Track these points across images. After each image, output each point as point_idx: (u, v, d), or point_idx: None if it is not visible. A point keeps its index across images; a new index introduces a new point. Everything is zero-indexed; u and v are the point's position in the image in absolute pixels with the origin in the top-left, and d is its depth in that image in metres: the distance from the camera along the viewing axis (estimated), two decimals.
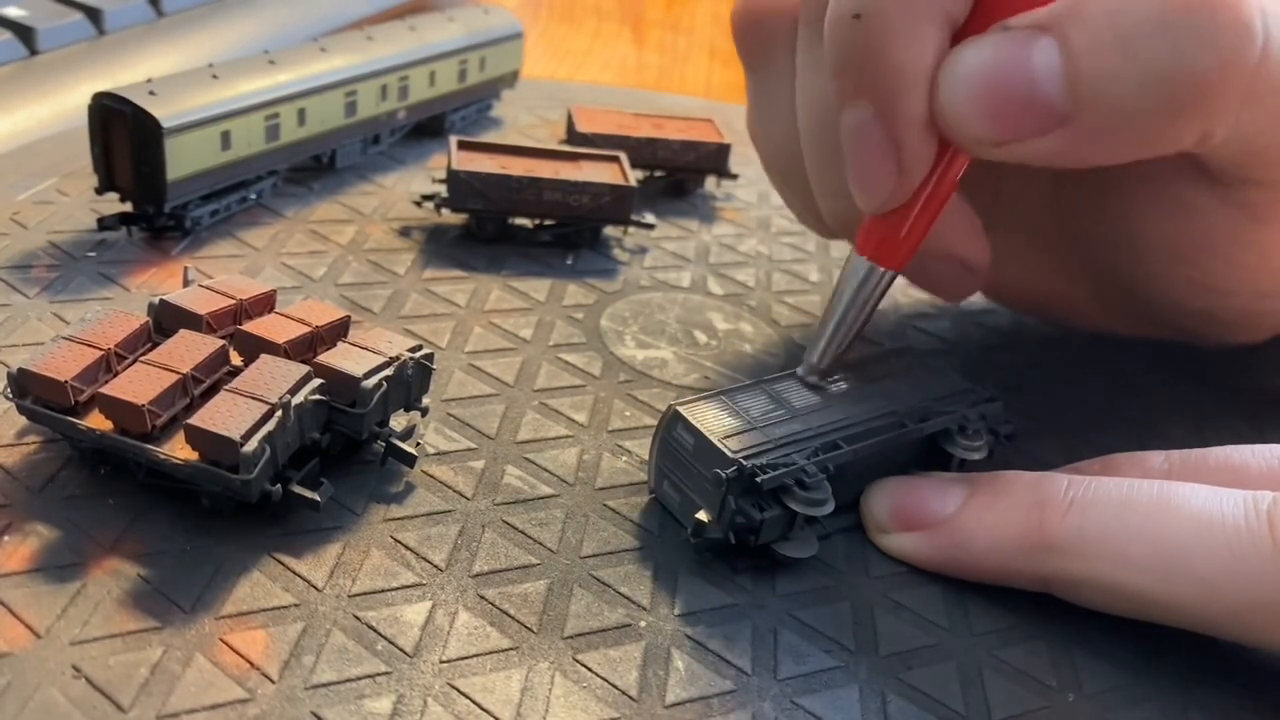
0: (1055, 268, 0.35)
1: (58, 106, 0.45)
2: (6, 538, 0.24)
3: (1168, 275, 0.31)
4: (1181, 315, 0.33)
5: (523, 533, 0.27)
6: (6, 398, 0.26)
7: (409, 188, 0.44)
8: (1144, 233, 0.31)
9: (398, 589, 0.24)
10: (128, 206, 0.37)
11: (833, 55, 0.26)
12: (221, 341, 0.27)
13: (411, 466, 0.28)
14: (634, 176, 0.41)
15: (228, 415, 0.24)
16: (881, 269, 0.28)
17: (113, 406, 0.25)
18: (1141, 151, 0.25)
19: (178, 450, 0.25)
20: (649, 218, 0.41)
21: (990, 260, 0.30)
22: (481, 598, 0.25)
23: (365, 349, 0.27)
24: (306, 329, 0.28)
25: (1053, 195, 0.34)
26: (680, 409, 0.27)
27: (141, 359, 0.26)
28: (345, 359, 0.27)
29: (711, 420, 0.27)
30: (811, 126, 0.29)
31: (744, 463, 0.25)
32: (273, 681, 0.22)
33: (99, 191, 0.36)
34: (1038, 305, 0.37)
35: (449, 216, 0.41)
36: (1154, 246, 0.31)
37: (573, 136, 0.46)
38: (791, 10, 0.31)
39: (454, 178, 0.39)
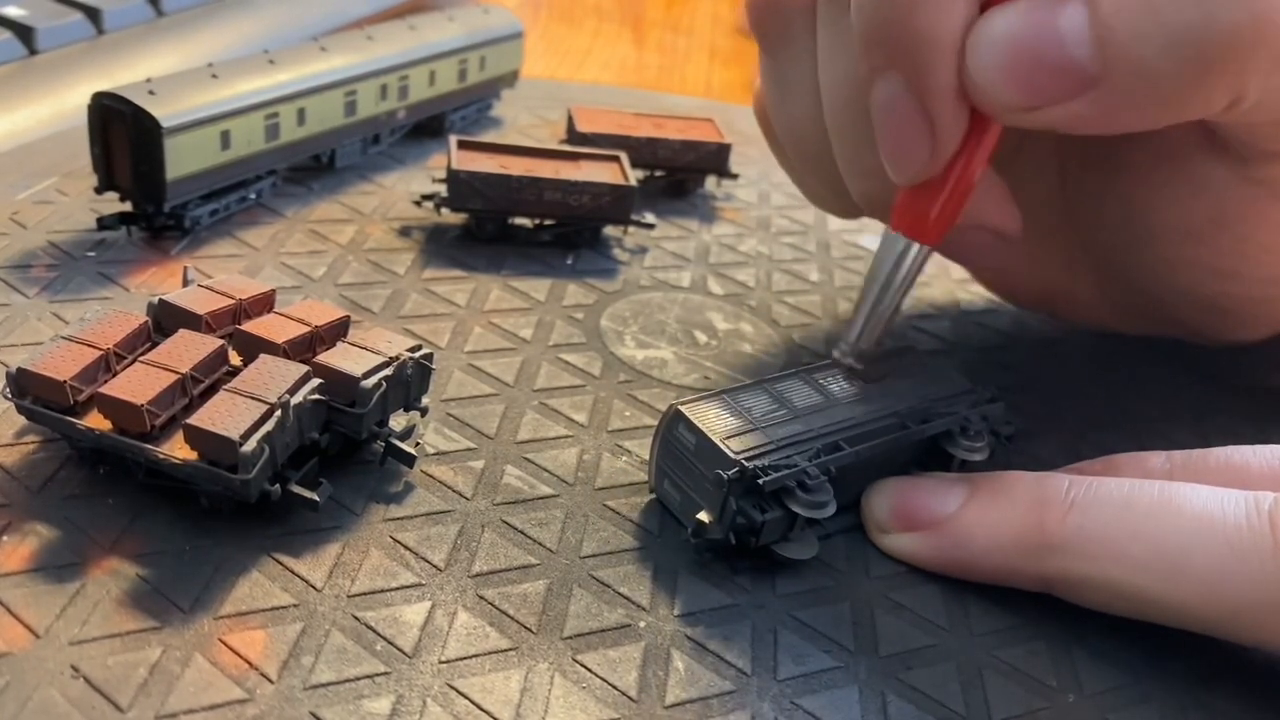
0: (1060, 261, 0.35)
1: (57, 106, 0.45)
2: (5, 537, 0.24)
3: (1178, 257, 0.31)
4: (1187, 305, 0.33)
5: (522, 533, 0.27)
6: (6, 397, 0.26)
7: (409, 187, 0.44)
8: (1157, 212, 0.31)
9: (397, 589, 0.24)
10: (127, 206, 0.37)
11: (861, 28, 0.25)
12: (221, 341, 0.27)
13: (411, 466, 0.28)
14: (634, 176, 0.41)
15: (227, 415, 0.24)
16: (918, 244, 0.27)
17: (112, 406, 0.25)
18: (1171, 115, 0.24)
19: (177, 450, 0.25)
20: (649, 218, 0.41)
21: (1022, 225, 0.30)
22: (481, 598, 0.25)
23: (365, 349, 0.27)
24: (306, 329, 0.28)
25: (1059, 187, 0.33)
26: (682, 408, 0.27)
27: (141, 359, 0.26)
28: (345, 359, 0.27)
29: (713, 420, 0.27)
30: (838, 105, 0.29)
31: (746, 464, 0.25)
32: (271, 682, 0.22)
33: (98, 191, 0.36)
34: (1041, 299, 0.37)
35: (449, 216, 0.41)
36: (1166, 226, 0.31)
37: (573, 136, 0.46)
38: None
39: (454, 177, 0.39)
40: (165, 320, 0.28)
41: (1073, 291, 0.35)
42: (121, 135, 0.35)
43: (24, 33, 0.47)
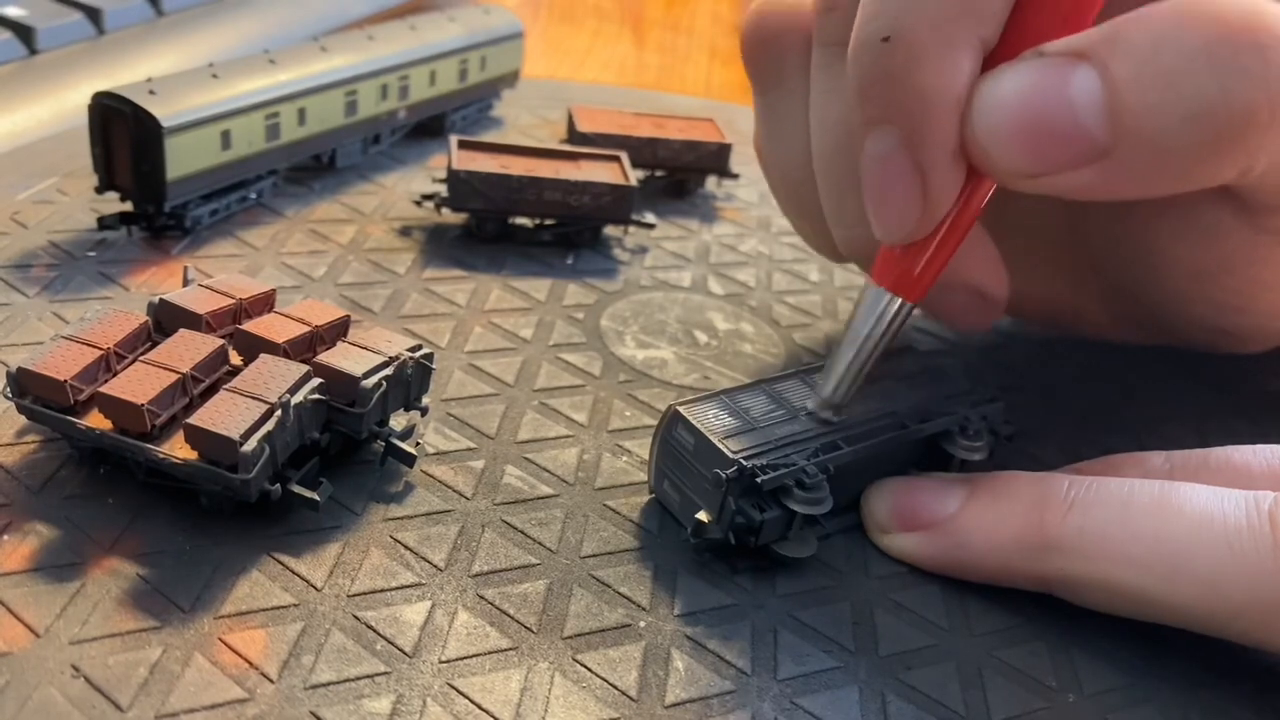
0: (1064, 277, 0.34)
1: (58, 106, 0.45)
2: (6, 537, 0.24)
3: (1186, 294, 0.31)
4: (1195, 330, 0.33)
5: (522, 533, 0.27)
6: (6, 397, 0.26)
7: (409, 187, 0.44)
8: (1165, 255, 0.30)
9: (397, 589, 0.24)
10: (128, 206, 0.37)
11: (858, 79, 0.25)
12: (221, 341, 0.27)
13: (411, 466, 0.28)
14: (634, 176, 0.41)
15: (227, 415, 0.24)
16: (900, 300, 0.27)
17: (112, 406, 0.25)
18: (1180, 186, 0.24)
19: (177, 450, 0.25)
20: (649, 217, 0.41)
21: (1008, 291, 0.29)
22: (481, 598, 0.25)
23: (365, 348, 0.27)
24: (306, 328, 0.28)
25: (1064, 206, 0.33)
26: (681, 409, 0.27)
27: (141, 358, 0.26)
28: (345, 358, 0.27)
29: (712, 420, 0.27)
30: (827, 152, 0.28)
31: (744, 463, 0.25)
32: (272, 681, 0.22)
33: (99, 191, 0.36)
34: (1047, 315, 0.37)
35: (449, 216, 0.41)
36: (1174, 268, 0.30)
37: (573, 136, 0.46)
38: (804, 28, 0.30)
39: (454, 177, 0.39)
40: (166, 320, 0.28)
41: (1080, 308, 0.35)
42: (122, 135, 0.35)
43: (24, 33, 0.47)
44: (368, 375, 0.26)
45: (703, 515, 0.26)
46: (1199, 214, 0.29)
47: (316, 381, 0.26)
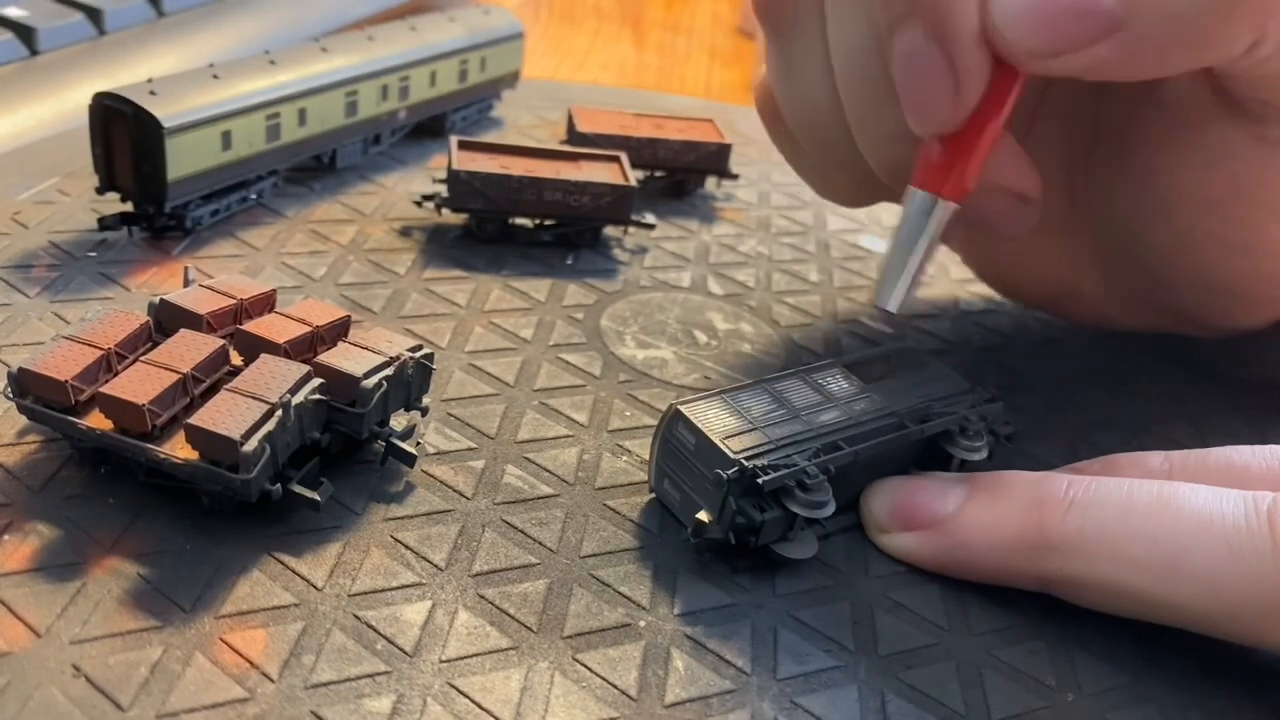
0: (1067, 257, 0.35)
1: (58, 106, 0.45)
2: (7, 537, 0.24)
3: (1193, 232, 0.31)
4: (1197, 289, 0.33)
5: (523, 532, 0.27)
6: (7, 397, 0.26)
7: (409, 188, 0.44)
8: (1173, 185, 0.31)
9: (397, 588, 0.24)
10: (128, 206, 0.37)
11: None
12: (222, 341, 0.27)
13: (411, 466, 0.28)
14: (634, 176, 0.41)
15: (228, 415, 0.24)
16: (942, 201, 0.27)
17: (113, 406, 0.25)
18: (1195, 57, 0.24)
19: (178, 450, 0.25)
20: (649, 218, 0.41)
21: (1041, 188, 0.30)
22: (481, 597, 0.25)
23: (365, 349, 0.27)
24: (306, 329, 0.28)
25: (1065, 182, 0.33)
26: (682, 408, 0.27)
27: (142, 359, 0.26)
28: (345, 359, 0.27)
29: (713, 420, 0.27)
30: (853, 72, 0.29)
31: (745, 463, 0.25)
32: (272, 681, 0.22)
33: (100, 191, 0.36)
34: (1046, 297, 0.37)
35: (449, 216, 0.41)
36: (1183, 198, 0.31)
37: (573, 136, 0.46)
38: None
39: (454, 178, 0.39)
40: (166, 320, 0.28)
41: (1078, 288, 0.35)
42: (123, 135, 0.35)
43: (25, 33, 0.47)
44: (368, 375, 0.26)
45: (703, 515, 0.26)
46: (1206, 134, 0.29)
47: (317, 381, 0.26)
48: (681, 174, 0.47)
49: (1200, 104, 0.29)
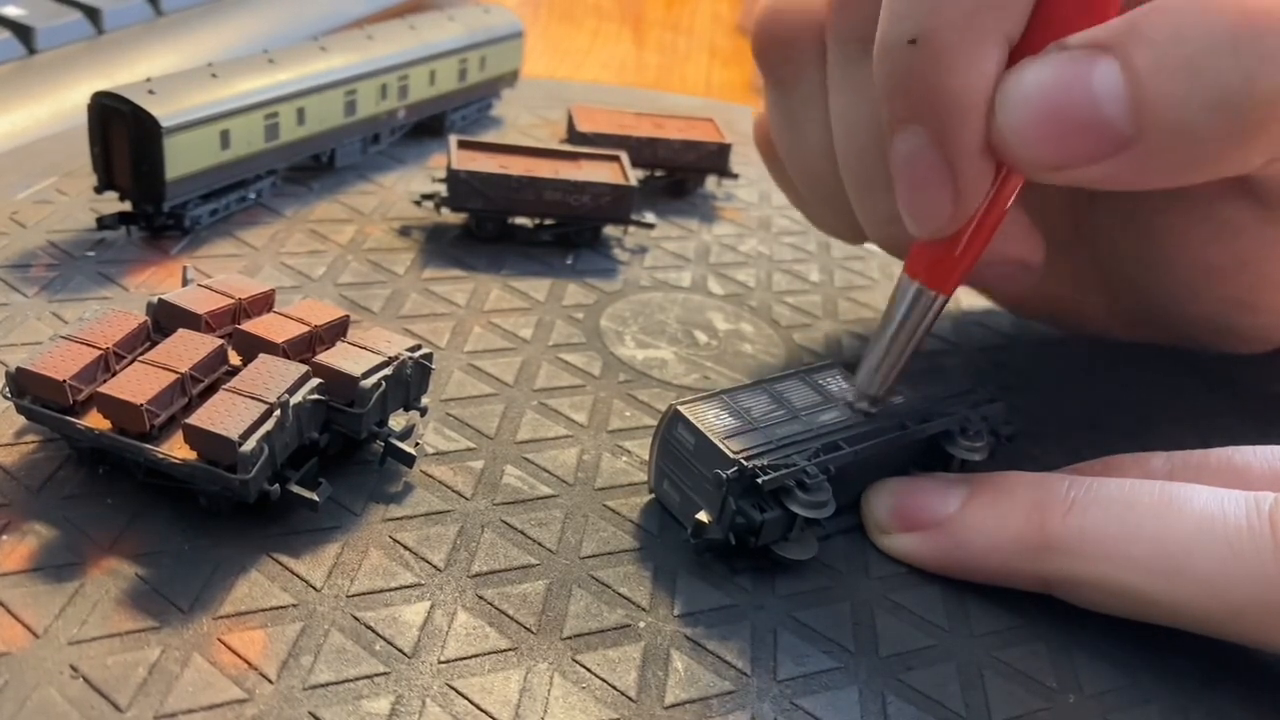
0: (1070, 275, 0.34)
1: (57, 106, 0.45)
2: (5, 537, 0.24)
3: (1195, 290, 0.31)
4: (1199, 328, 0.33)
5: (522, 533, 0.27)
6: (5, 397, 0.26)
7: (409, 187, 0.44)
8: (1177, 248, 0.30)
9: (396, 589, 0.24)
10: (127, 206, 0.37)
11: (885, 81, 0.25)
12: (220, 341, 0.27)
13: (410, 466, 0.28)
14: (634, 176, 0.41)
15: (226, 415, 0.24)
16: (933, 292, 0.27)
17: (111, 406, 0.25)
18: (1205, 174, 0.24)
19: (176, 450, 0.25)
20: (649, 217, 0.41)
21: (1044, 253, 0.29)
22: (480, 598, 0.25)
23: (364, 348, 0.27)
24: (305, 328, 0.28)
25: (1070, 205, 0.33)
26: (681, 408, 0.27)
27: (140, 358, 0.26)
28: (344, 359, 0.27)
29: (712, 420, 0.27)
30: (854, 153, 0.28)
31: (745, 463, 0.25)
32: (271, 682, 0.22)
33: (98, 191, 0.36)
34: (1047, 312, 0.37)
35: (449, 216, 0.41)
36: (1186, 262, 0.30)
37: (573, 136, 0.46)
38: (819, 25, 0.30)
39: (454, 177, 0.39)
40: (165, 320, 0.28)
41: (1081, 304, 0.35)
42: (121, 135, 0.35)
43: (24, 32, 0.47)
44: (367, 375, 0.26)
45: (703, 515, 0.26)
46: (1216, 208, 0.29)
47: (316, 381, 0.26)
48: (681, 173, 0.47)
49: (1213, 183, 0.28)
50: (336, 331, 0.28)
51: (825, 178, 0.30)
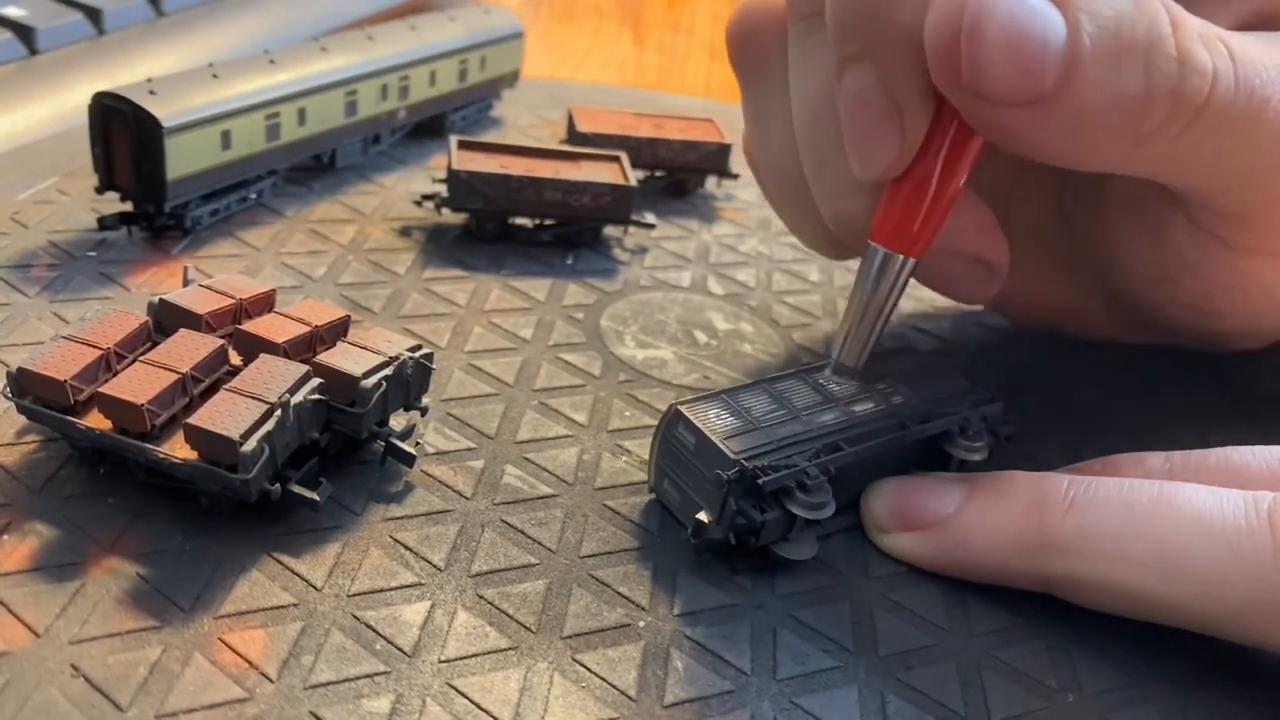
0: (1070, 281, 0.34)
1: (58, 106, 0.45)
2: (6, 536, 0.24)
3: (1157, 297, 0.32)
4: (1182, 333, 0.33)
5: (522, 532, 0.27)
6: (6, 397, 0.26)
7: (409, 187, 0.44)
8: (1131, 255, 0.31)
9: (397, 589, 0.24)
10: (128, 206, 0.37)
11: (838, 22, 0.25)
12: (221, 341, 0.27)
13: (411, 466, 0.28)
14: (634, 176, 0.41)
15: (227, 415, 0.24)
16: (899, 256, 0.27)
17: (112, 406, 0.25)
18: (1080, 161, 0.25)
19: (177, 449, 0.25)
20: (649, 217, 0.41)
21: (1009, 257, 0.29)
22: (480, 597, 0.25)
23: (365, 348, 0.27)
24: (306, 328, 0.28)
25: (1063, 218, 0.33)
26: (682, 408, 0.27)
27: (141, 358, 0.26)
28: (345, 358, 0.27)
29: (713, 420, 0.27)
30: (808, 120, 0.29)
31: (745, 464, 0.25)
32: (271, 681, 0.22)
33: (99, 191, 0.36)
34: (1056, 320, 0.37)
35: (449, 216, 0.41)
36: (1141, 269, 0.31)
37: (573, 136, 0.46)
38: (782, 21, 0.30)
39: (454, 177, 0.39)
40: (165, 320, 0.28)
41: (1086, 310, 0.35)
42: (122, 135, 0.35)
43: (25, 33, 0.47)
44: (367, 375, 0.26)
45: (703, 515, 0.26)
46: (1153, 214, 0.30)
47: (316, 381, 0.26)
48: (682, 173, 0.47)
49: (1150, 186, 0.29)
50: (337, 331, 0.28)
51: (790, 173, 0.30)
